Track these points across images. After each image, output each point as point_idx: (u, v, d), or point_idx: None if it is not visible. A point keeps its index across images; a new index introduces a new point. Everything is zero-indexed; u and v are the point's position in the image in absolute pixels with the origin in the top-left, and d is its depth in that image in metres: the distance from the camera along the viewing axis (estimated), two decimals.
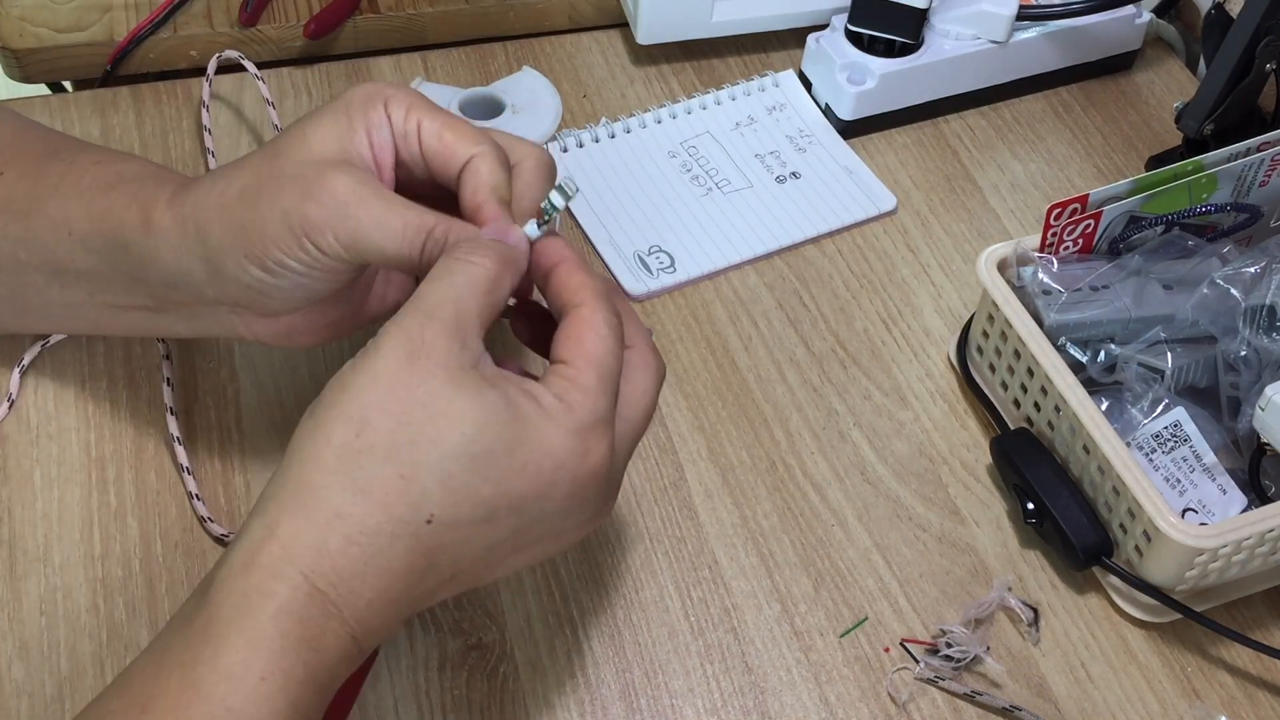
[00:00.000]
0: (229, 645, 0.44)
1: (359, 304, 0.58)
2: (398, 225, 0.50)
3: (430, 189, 0.54)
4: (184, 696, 0.44)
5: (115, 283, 0.58)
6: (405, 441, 0.46)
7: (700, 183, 0.81)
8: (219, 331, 0.58)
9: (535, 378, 0.49)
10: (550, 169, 0.55)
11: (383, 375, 0.46)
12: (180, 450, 0.65)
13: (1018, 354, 0.67)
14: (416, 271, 0.51)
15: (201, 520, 0.63)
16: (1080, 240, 0.69)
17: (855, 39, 0.83)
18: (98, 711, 0.45)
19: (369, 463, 0.46)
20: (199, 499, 0.64)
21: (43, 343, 0.68)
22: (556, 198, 0.51)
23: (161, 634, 0.47)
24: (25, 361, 0.67)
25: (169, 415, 0.66)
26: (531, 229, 0.51)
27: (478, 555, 0.48)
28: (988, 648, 0.62)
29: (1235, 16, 0.75)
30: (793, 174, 0.82)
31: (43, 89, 0.88)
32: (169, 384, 0.67)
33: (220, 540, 0.63)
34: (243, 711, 0.44)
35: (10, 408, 0.67)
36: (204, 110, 0.80)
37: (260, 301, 0.54)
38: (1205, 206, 0.70)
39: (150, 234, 0.55)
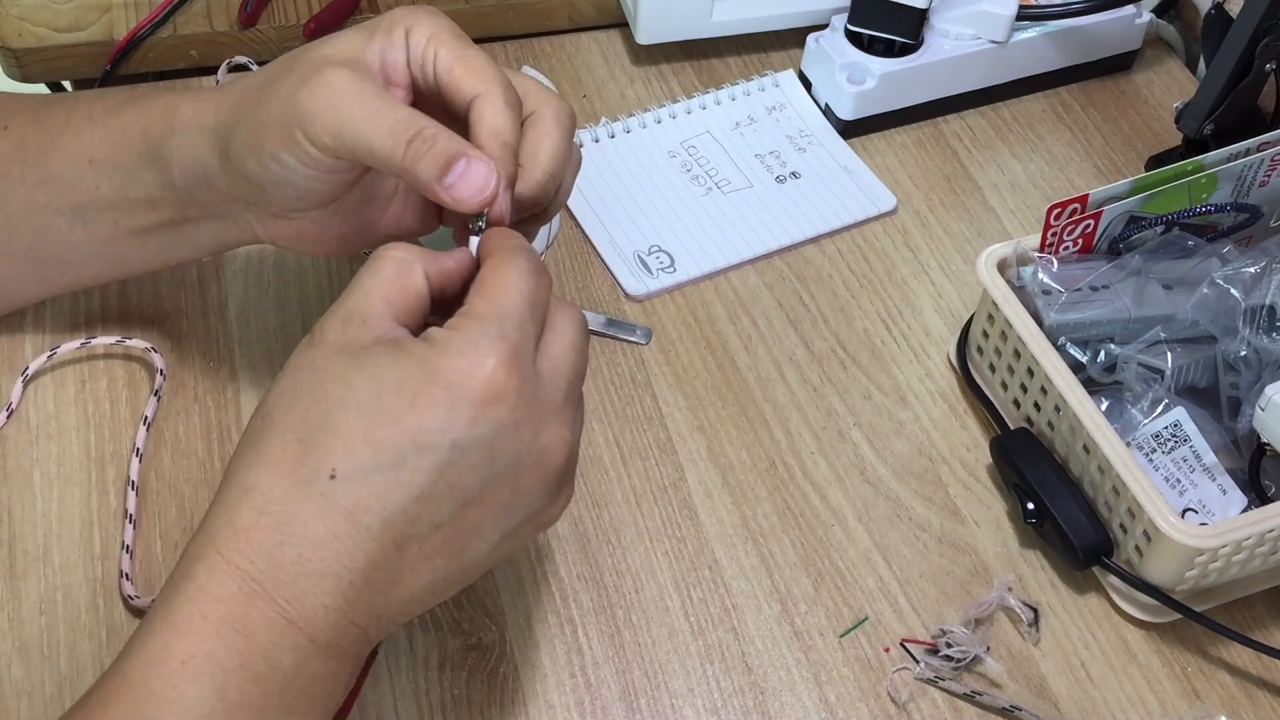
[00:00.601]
0: (152, 631, 0.45)
1: (371, 221, 0.58)
2: (387, 120, 0.50)
3: (453, 122, 0.53)
4: (113, 685, 0.44)
5: (139, 202, 0.58)
6: (299, 411, 0.46)
7: (700, 183, 0.81)
8: (238, 235, 0.59)
9: None
10: (569, 120, 0.54)
11: (286, 368, 0.48)
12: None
13: (1018, 354, 0.67)
14: (401, 174, 0.50)
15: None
16: (1080, 240, 0.69)
17: (855, 39, 0.83)
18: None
19: (268, 436, 0.46)
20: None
21: (50, 352, 0.67)
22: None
23: None
24: (30, 370, 0.67)
25: (142, 426, 0.66)
26: (472, 245, 0.51)
27: (411, 511, 0.46)
28: (988, 648, 0.62)
29: (1235, 16, 0.75)
30: (793, 174, 0.82)
31: (42, 89, 0.88)
32: (156, 395, 0.67)
33: None
34: (163, 695, 0.43)
35: (9, 416, 0.66)
36: None
37: (264, 197, 0.55)
38: (1205, 206, 0.70)
39: (175, 130, 0.56)
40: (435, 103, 0.54)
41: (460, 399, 0.45)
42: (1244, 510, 0.63)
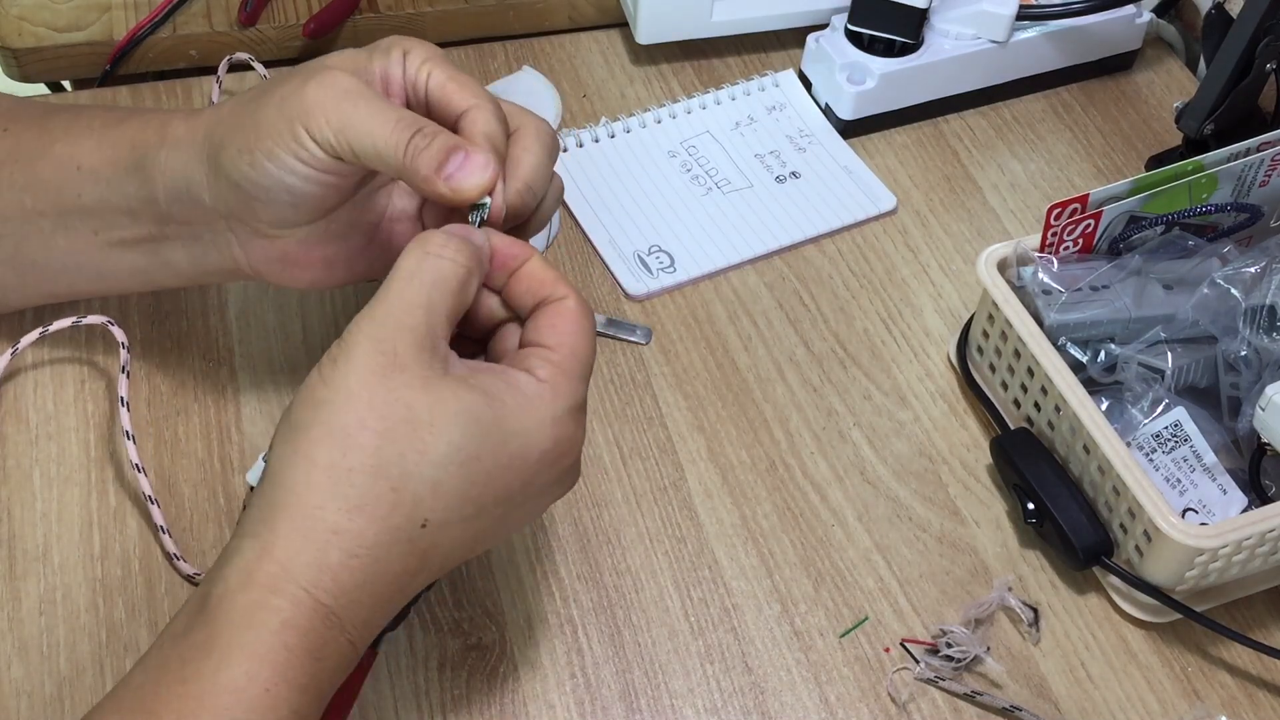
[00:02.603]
0: (231, 659, 0.45)
1: (356, 248, 0.58)
2: (390, 117, 0.51)
3: None
4: (186, 709, 0.44)
5: (119, 212, 0.58)
6: (393, 456, 0.46)
7: (700, 183, 0.81)
8: (218, 261, 0.58)
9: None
10: (551, 139, 0.55)
11: (360, 391, 0.47)
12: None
13: (1018, 354, 0.67)
14: (401, 170, 0.51)
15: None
16: (1080, 240, 0.69)
17: (855, 39, 0.83)
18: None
19: (359, 480, 0.46)
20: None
21: (12, 349, 0.65)
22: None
23: (154, 650, 0.47)
24: None
25: (122, 408, 0.65)
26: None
27: (466, 545, 0.50)
28: (988, 648, 0.62)
29: (1235, 16, 0.75)
30: (793, 174, 0.82)
31: (42, 88, 0.88)
32: (125, 373, 0.66)
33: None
34: None
35: None
36: None
37: (252, 209, 0.54)
38: (1205, 206, 0.70)
39: (165, 144, 0.56)
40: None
41: (548, 464, 0.50)
42: (1244, 510, 0.63)
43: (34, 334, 0.65)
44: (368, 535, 0.46)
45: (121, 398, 0.65)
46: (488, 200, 0.51)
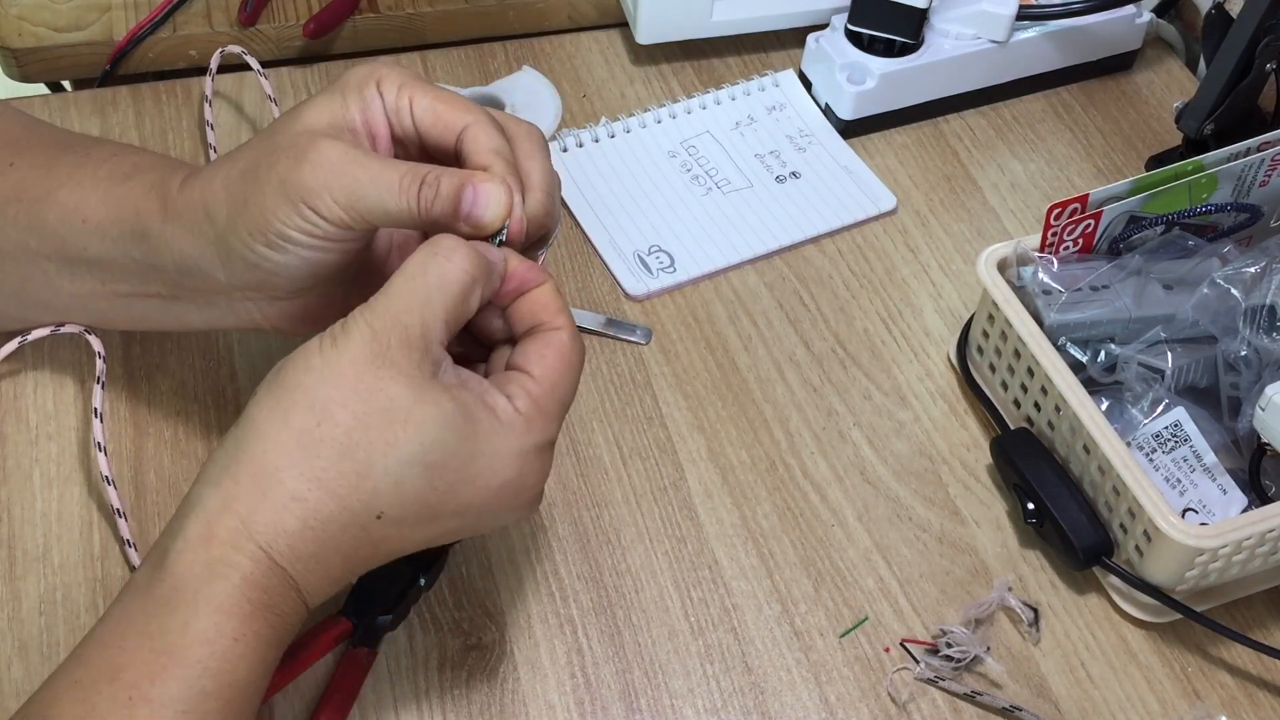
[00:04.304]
0: (198, 613, 0.46)
1: (374, 287, 0.58)
2: (393, 177, 0.51)
3: (437, 161, 0.54)
4: (157, 662, 0.46)
5: (129, 271, 0.58)
6: (362, 441, 0.47)
7: (700, 183, 0.81)
8: (235, 322, 0.58)
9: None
10: (544, 141, 0.56)
11: (347, 372, 0.48)
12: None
13: (1018, 354, 0.67)
14: (419, 224, 0.51)
15: None
16: (1080, 240, 0.69)
17: (855, 39, 0.83)
18: (62, 684, 0.47)
19: (326, 454, 0.47)
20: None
21: None
22: None
23: (116, 605, 0.48)
24: None
25: (95, 420, 0.65)
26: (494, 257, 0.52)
27: (415, 545, 0.51)
28: (988, 648, 0.62)
29: (1235, 16, 0.75)
30: (793, 174, 0.82)
31: (42, 88, 0.88)
32: (99, 384, 0.65)
33: None
34: (219, 670, 0.46)
35: None
36: (206, 105, 0.79)
37: (270, 282, 0.54)
38: (1205, 206, 0.70)
39: (167, 219, 0.55)
40: (414, 147, 0.55)
41: (510, 491, 0.50)
42: (1244, 510, 0.63)
43: (13, 344, 0.64)
44: (324, 510, 0.48)
45: (95, 409, 0.64)
46: (507, 221, 0.51)
